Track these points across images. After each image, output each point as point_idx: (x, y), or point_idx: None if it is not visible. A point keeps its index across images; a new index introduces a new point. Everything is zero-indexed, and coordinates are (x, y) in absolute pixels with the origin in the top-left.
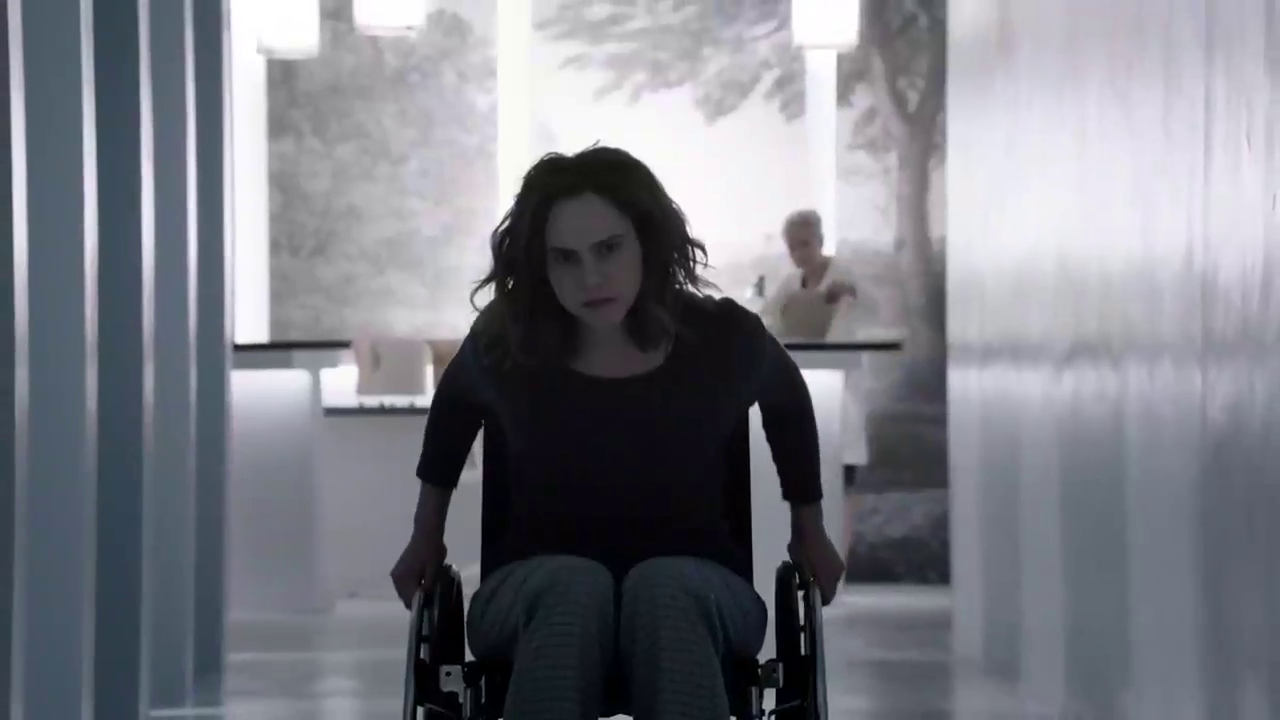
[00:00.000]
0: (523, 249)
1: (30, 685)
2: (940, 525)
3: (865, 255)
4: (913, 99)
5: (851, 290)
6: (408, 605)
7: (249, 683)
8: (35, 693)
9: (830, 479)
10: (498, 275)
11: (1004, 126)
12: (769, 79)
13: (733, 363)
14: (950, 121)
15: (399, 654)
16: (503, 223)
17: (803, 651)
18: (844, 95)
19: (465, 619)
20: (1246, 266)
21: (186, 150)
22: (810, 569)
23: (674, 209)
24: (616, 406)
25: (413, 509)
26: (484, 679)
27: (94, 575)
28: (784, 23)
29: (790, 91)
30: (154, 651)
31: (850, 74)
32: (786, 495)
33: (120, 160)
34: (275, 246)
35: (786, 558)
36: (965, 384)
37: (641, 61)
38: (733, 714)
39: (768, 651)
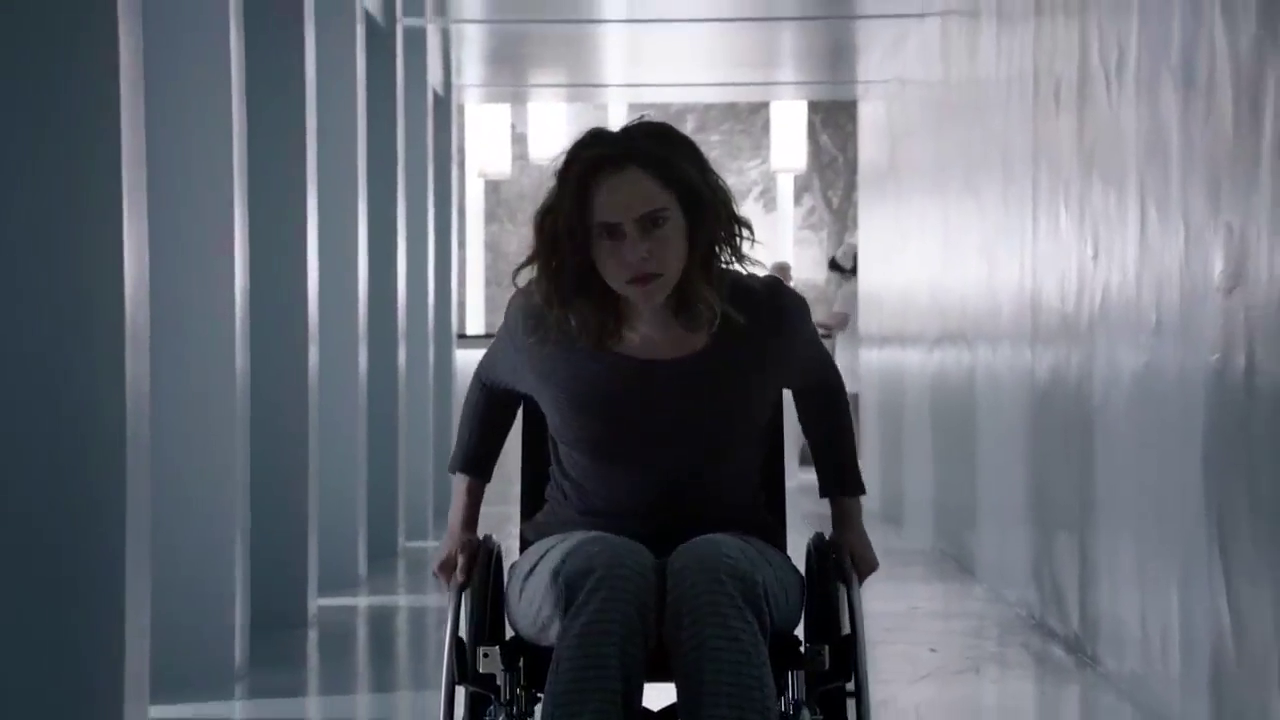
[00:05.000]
0: (565, 225)
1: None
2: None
3: (811, 287)
4: (835, 201)
5: (845, 320)
6: (447, 587)
7: (424, 574)
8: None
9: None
10: (541, 254)
11: (893, 215)
12: (756, 190)
13: (778, 344)
14: (860, 213)
15: None
16: (545, 201)
17: (844, 631)
18: (798, 199)
19: (503, 593)
20: (1064, 284)
21: (428, 227)
22: (848, 563)
23: (720, 185)
24: (661, 389)
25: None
26: (521, 660)
27: (318, 477)
28: (765, 159)
29: (768, 197)
30: (325, 540)
31: (800, 187)
32: (825, 492)
33: (379, 230)
34: (488, 283)
35: (810, 528)
36: (869, 359)
37: None
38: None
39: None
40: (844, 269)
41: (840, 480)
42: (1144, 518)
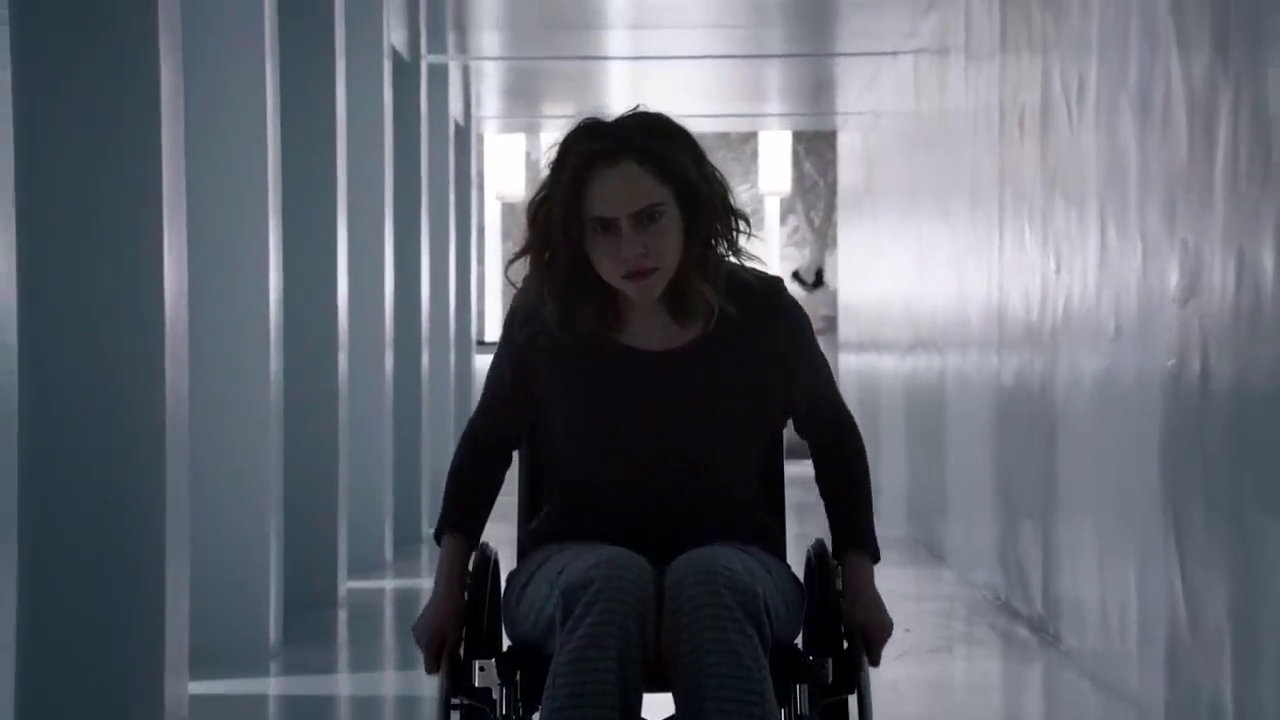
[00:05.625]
0: (559, 218)
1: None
2: None
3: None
4: (817, 221)
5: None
6: (429, 669)
7: None
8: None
9: None
10: (534, 246)
11: (870, 233)
12: (745, 211)
13: (774, 341)
14: (840, 232)
15: None
16: (538, 192)
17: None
18: (783, 219)
19: (501, 601)
20: (1029, 295)
21: (449, 243)
22: (860, 632)
23: (717, 177)
24: (655, 379)
25: None
26: (518, 673)
27: (347, 468)
28: (754, 183)
29: (756, 218)
30: (353, 526)
31: (785, 209)
32: (837, 554)
33: (405, 247)
34: (506, 291)
35: (797, 520)
36: (848, 363)
37: None
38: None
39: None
40: (806, 282)
41: (853, 543)
42: (1103, 508)
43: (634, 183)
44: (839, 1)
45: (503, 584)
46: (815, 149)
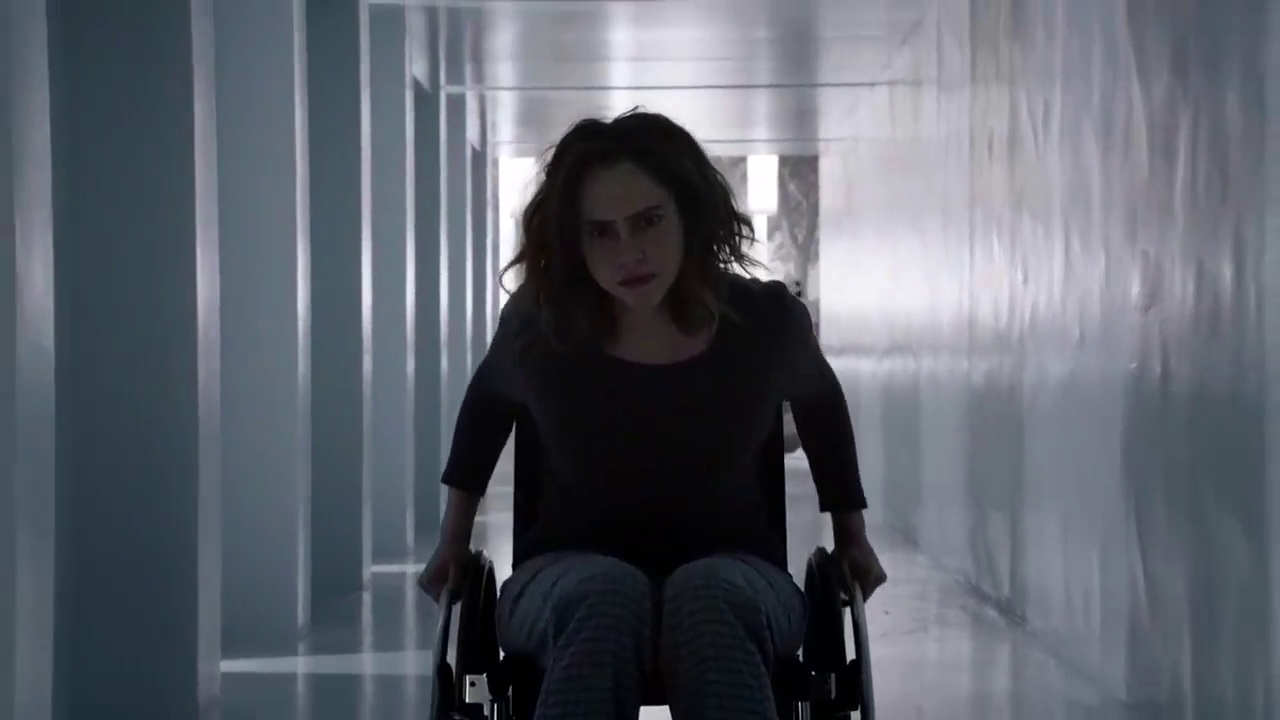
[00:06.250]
0: (554, 222)
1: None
2: None
3: None
4: (800, 237)
5: None
6: (435, 599)
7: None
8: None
9: None
10: (528, 252)
11: (849, 248)
12: None
13: (780, 350)
14: (821, 248)
15: None
16: (534, 195)
17: (849, 658)
18: (770, 236)
19: (495, 614)
20: (998, 303)
21: (466, 259)
22: (855, 575)
23: (718, 180)
24: (655, 394)
25: None
26: (510, 688)
27: (370, 461)
28: (743, 203)
29: None
30: (377, 515)
31: (772, 226)
32: (826, 506)
33: (425, 262)
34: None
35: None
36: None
37: None
38: None
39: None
40: None
41: (842, 494)
42: (1068, 499)
43: (632, 184)
44: (821, 36)
45: (498, 592)
46: (799, 172)
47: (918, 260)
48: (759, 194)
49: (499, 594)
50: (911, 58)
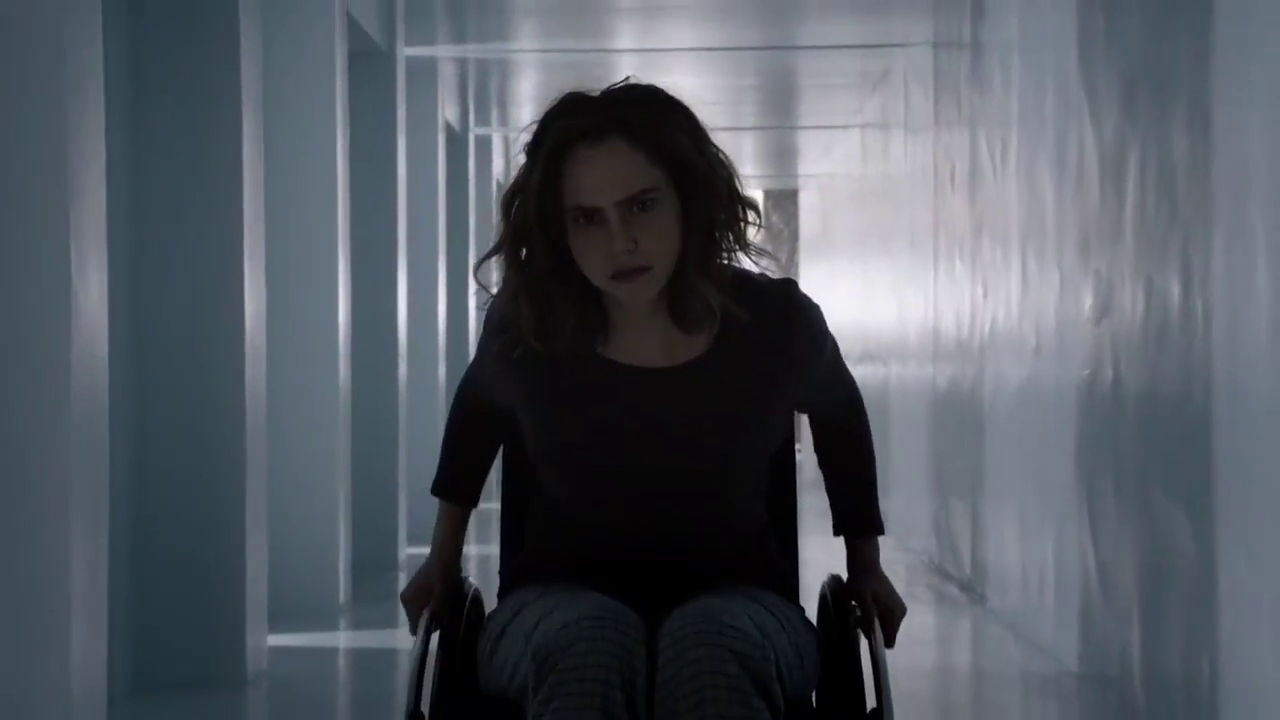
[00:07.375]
0: (534, 209)
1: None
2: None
3: None
4: (782, 261)
5: None
6: (413, 630)
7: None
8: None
9: None
10: (507, 243)
11: (826, 270)
12: None
13: (790, 352)
14: (801, 270)
15: None
16: (514, 180)
17: (869, 705)
18: (755, 262)
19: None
20: (960, 316)
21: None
22: (873, 611)
23: (719, 158)
24: (651, 400)
25: None
26: None
27: (405, 454)
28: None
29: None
30: (411, 502)
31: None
32: (840, 530)
33: (455, 284)
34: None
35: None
36: None
37: None
38: None
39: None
40: None
41: (860, 519)
42: (1025, 491)
43: (622, 164)
44: (800, 85)
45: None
46: (781, 204)
47: (887, 280)
48: None
49: (484, 626)
50: (881, 103)
